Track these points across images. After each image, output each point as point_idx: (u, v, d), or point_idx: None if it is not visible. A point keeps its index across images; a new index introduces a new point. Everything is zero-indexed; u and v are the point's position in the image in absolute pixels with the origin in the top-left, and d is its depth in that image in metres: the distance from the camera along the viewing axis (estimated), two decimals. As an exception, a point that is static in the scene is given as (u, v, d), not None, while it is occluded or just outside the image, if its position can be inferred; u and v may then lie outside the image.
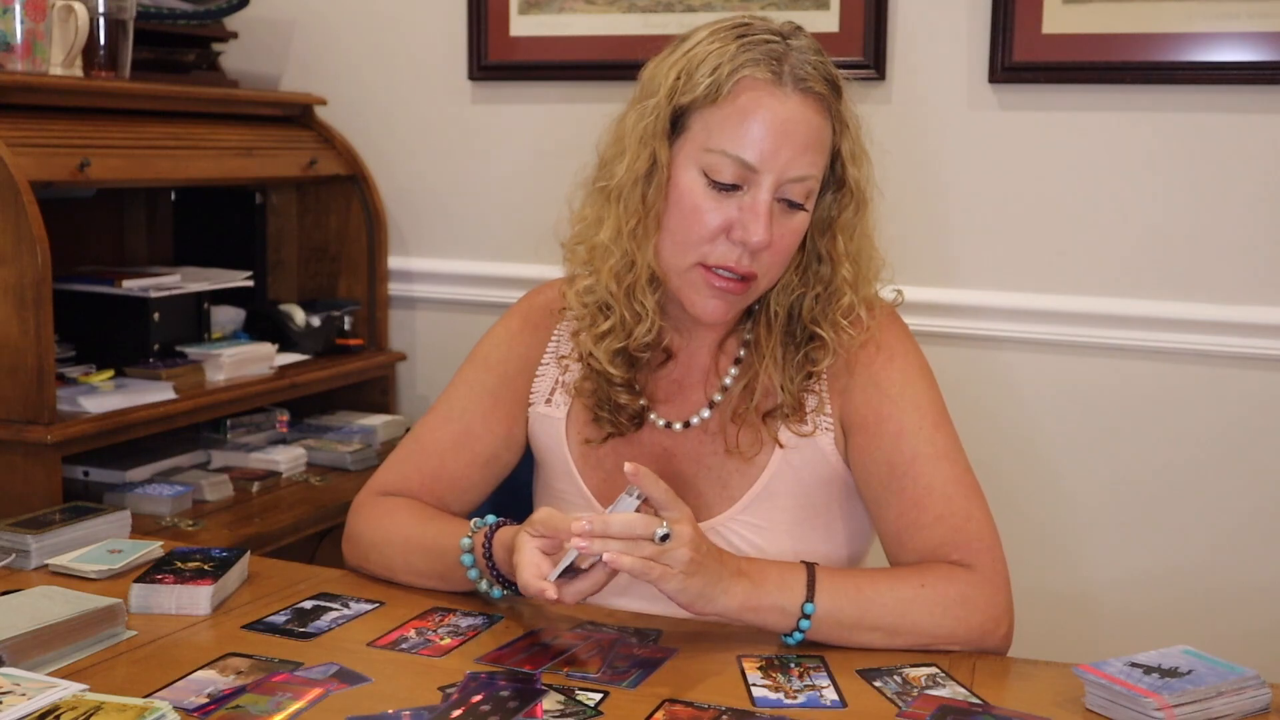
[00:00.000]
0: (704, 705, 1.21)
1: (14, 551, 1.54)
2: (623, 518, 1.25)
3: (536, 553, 1.30)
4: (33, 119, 2.05)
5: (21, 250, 1.89)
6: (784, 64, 1.38)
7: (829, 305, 1.45)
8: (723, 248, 1.39)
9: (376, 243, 2.68)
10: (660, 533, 1.25)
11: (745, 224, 1.37)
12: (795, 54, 1.39)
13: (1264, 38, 2.12)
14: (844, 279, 1.45)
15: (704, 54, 1.39)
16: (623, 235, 1.43)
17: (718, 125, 1.38)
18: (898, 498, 1.43)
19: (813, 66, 1.39)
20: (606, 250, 1.45)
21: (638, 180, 1.41)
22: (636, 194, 1.41)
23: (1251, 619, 2.21)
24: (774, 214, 1.38)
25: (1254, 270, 2.18)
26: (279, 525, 2.12)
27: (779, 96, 1.37)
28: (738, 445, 1.47)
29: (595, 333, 1.48)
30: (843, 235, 1.45)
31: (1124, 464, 2.28)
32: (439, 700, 1.20)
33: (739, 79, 1.37)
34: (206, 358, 2.31)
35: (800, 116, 1.37)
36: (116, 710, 1.12)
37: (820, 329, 1.45)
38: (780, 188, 1.38)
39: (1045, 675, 1.31)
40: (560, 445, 1.55)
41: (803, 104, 1.38)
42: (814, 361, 1.46)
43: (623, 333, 1.47)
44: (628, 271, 1.44)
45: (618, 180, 1.43)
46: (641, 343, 1.47)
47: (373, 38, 2.73)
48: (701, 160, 1.38)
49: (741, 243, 1.37)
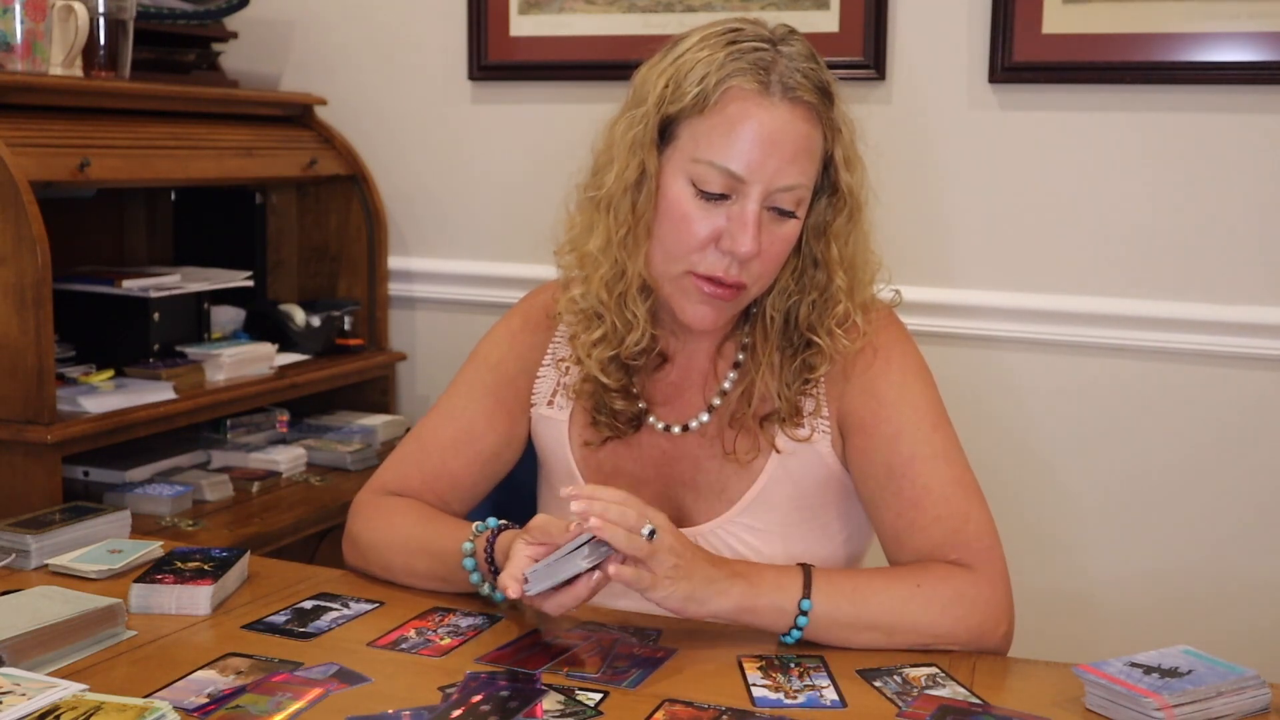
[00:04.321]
0: (704, 705, 1.21)
1: (14, 551, 1.54)
2: (616, 507, 1.25)
3: (526, 560, 1.30)
4: (33, 119, 2.05)
5: (21, 250, 1.89)
6: (772, 73, 1.37)
7: (825, 313, 1.44)
8: (712, 257, 1.38)
9: (376, 243, 2.68)
10: (646, 529, 1.25)
11: (733, 234, 1.36)
12: (785, 61, 1.38)
13: (1264, 38, 2.12)
14: (839, 287, 1.44)
15: (692, 62, 1.38)
16: (613, 244, 1.43)
17: (705, 136, 1.37)
18: (895, 498, 1.43)
19: (802, 74, 1.38)
20: (596, 260, 1.45)
21: (627, 189, 1.41)
22: (626, 203, 1.41)
23: (1251, 619, 2.21)
24: (763, 223, 1.37)
25: (1253, 270, 2.18)
26: (279, 525, 2.12)
27: (766, 106, 1.36)
28: (735, 450, 1.47)
29: (588, 340, 1.49)
30: (837, 242, 1.44)
31: (1123, 464, 2.28)
32: (439, 700, 1.20)
33: (726, 89, 1.36)
34: (206, 358, 2.31)
35: (788, 126, 1.37)
36: (116, 710, 1.12)
37: (817, 336, 1.44)
38: (769, 197, 1.37)
39: (1045, 675, 1.31)
40: (563, 447, 1.55)
41: (791, 113, 1.37)
42: (811, 368, 1.46)
43: (615, 340, 1.47)
44: (618, 281, 1.44)
45: (607, 189, 1.42)
46: (633, 350, 1.47)
47: (373, 38, 2.73)
48: (690, 170, 1.38)
49: (730, 252, 1.37)
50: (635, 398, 1.51)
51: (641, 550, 1.25)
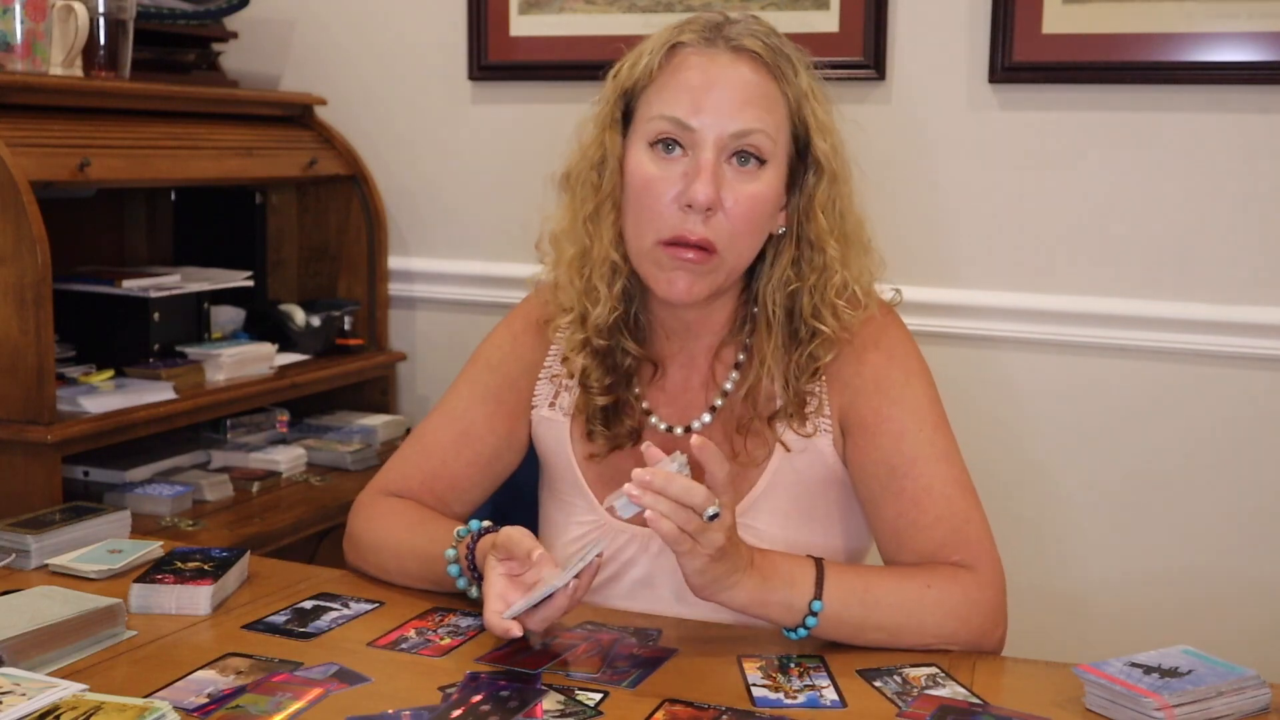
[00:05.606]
0: (704, 705, 1.21)
1: (14, 551, 1.54)
2: (685, 483, 1.21)
3: (502, 581, 1.30)
4: (33, 119, 2.05)
5: (21, 250, 1.89)
6: (720, 32, 1.40)
7: (825, 292, 1.44)
8: (676, 218, 1.38)
9: (376, 243, 2.68)
10: (711, 511, 1.22)
11: (690, 184, 1.37)
12: (736, 26, 1.41)
13: (1264, 38, 2.12)
14: (832, 257, 1.44)
15: (647, 43, 1.43)
16: (578, 223, 1.46)
17: (656, 96, 1.40)
18: (896, 498, 1.43)
19: (751, 34, 1.40)
20: (562, 243, 1.48)
21: (592, 166, 1.44)
22: (589, 181, 1.44)
23: (1251, 619, 2.21)
24: (726, 177, 1.38)
25: (1253, 270, 2.18)
26: (279, 525, 2.12)
27: (709, 55, 1.39)
28: (745, 450, 1.47)
29: (568, 333, 1.51)
30: (823, 214, 1.44)
31: (1122, 463, 2.28)
32: (439, 700, 1.20)
33: (673, 51, 1.40)
34: (206, 358, 2.31)
35: (730, 71, 1.38)
36: (116, 710, 1.12)
37: (821, 322, 1.43)
38: (725, 145, 1.37)
39: (1045, 675, 1.31)
40: (565, 449, 1.55)
41: (734, 60, 1.39)
42: (817, 358, 1.45)
43: (580, 319, 1.48)
44: (583, 260, 1.46)
45: (572, 169, 1.47)
46: (600, 326, 1.47)
47: (373, 38, 2.73)
48: (645, 132, 1.40)
49: (689, 204, 1.37)
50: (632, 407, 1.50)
51: (693, 526, 1.22)
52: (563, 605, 1.28)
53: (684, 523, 1.21)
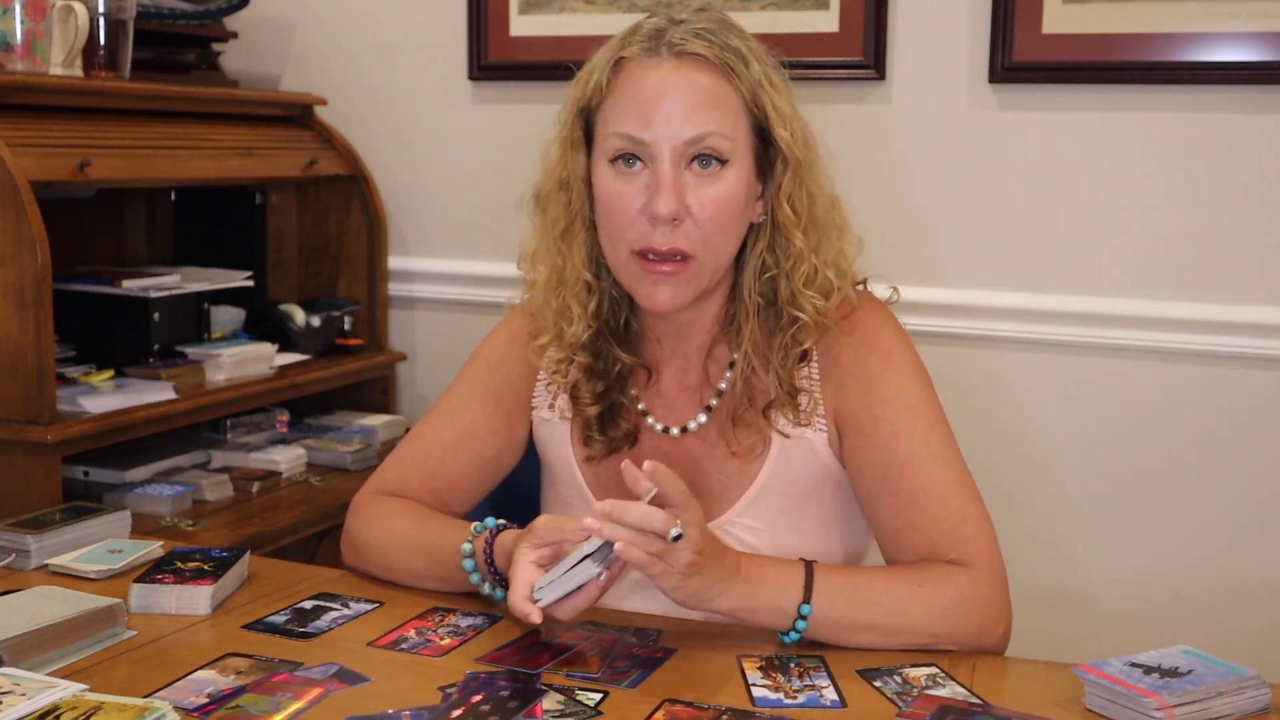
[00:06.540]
0: (704, 705, 1.21)
1: (14, 551, 1.54)
2: (640, 508, 1.23)
3: (530, 568, 1.30)
4: (33, 119, 2.05)
5: (21, 250, 1.90)
6: (662, 39, 1.40)
7: (796, 279, 1.43)
8: (645, 230, 1.38)
9: (376, 243, 2.68)
10: (674, 532, 1.23)
11: (652, 198, 1.37)
12: (679, 29, 1.40)
13: (1264, 38, 2.12)
14: (799, 247, 1.43)
15: (596, 58, 1.44)
16: (549, 242, 1.48)
17: (610, 113, 1.41)
18: (893, 498, 1.43)
19: (695, 35, 1.39)
20: (535, 264, 1.51)
21: (560, 187, 1.46)
22: (559, 201, 1.46)
23: (1251, 619, 2.21)
24: (687, 184, 1.38)
25: (1253, 270, 2.18)
26: (279, 525, 2.12)
27: (652, 67, 1.39)
28: (740, 446, 1.47)
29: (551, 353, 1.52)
30: (789, 203, 1.43)
31: (1122, 464, 2.28)
32: (439, 700, 1.20)
33: (616, 63, 1.41)
34: (206, 358, 2.31)
35: (675, 77, 1.38)
36: (116, 710, 1.12)
37: (800, 311, 1.43)
38: (681, 154, 1.37)
39: (1045, 675, 1.31)
40: (565, 452, 1.55)
41: (678, 67, 1.38)
42: (799, 342, 1.44)
43: (556, 337, 1.50)
44: (556, 278, 1.48)
45: (541, 189, 1.49)
46: (576, 345, 1.48)
47: (373, 38, 2.73)
48: (605, 150, 1.41)
49: (654, 217, 1.37)
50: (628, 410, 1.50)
51: (657, 548, 1.24)
52: (593, 596, 1.28)
53: (647, 547, 1.23)
